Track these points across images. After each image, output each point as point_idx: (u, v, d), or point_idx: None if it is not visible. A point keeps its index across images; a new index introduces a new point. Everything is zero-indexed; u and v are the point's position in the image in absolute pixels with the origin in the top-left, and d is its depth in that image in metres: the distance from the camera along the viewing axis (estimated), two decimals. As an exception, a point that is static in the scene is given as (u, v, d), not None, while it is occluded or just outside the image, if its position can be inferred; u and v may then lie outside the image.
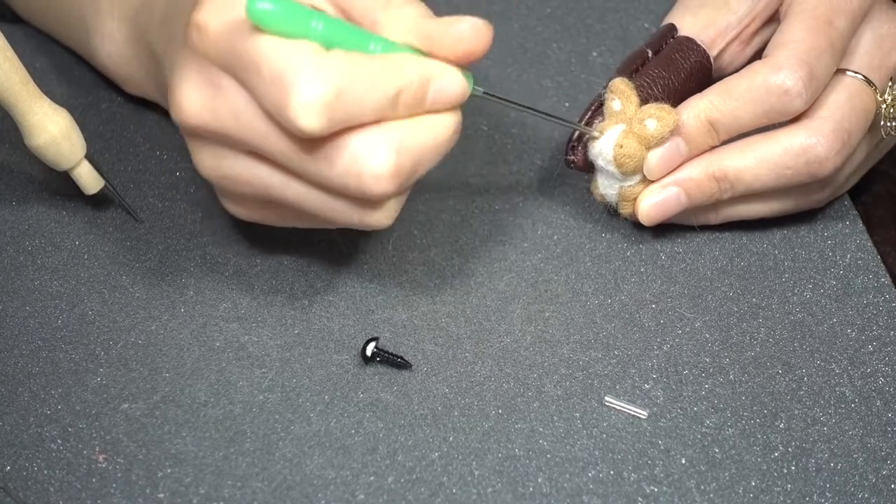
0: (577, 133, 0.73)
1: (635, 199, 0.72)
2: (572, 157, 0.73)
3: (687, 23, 0.76)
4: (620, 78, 0.72)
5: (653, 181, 0.72)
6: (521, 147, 0.80)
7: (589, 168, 0.73)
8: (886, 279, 0.73)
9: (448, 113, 0.64)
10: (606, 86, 0.72)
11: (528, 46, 0.86)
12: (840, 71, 0.72)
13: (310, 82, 0.59)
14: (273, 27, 0.60)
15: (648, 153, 0.71)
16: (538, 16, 0.88)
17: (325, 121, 0.59)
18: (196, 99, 0.63)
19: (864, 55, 0.73)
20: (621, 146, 0.71)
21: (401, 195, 0.64)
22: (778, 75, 0.69)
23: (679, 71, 0.73)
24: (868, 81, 0.72)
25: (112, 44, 0.76)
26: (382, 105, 0.61)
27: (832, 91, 0.71)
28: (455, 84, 0.63)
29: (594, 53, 0.86)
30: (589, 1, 0.89)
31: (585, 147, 0.72)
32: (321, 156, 0.61)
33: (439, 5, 0.88)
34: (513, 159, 0.79)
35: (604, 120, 0.72)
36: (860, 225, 0.76)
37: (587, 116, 0.73)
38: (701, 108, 0.71)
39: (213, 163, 0.65)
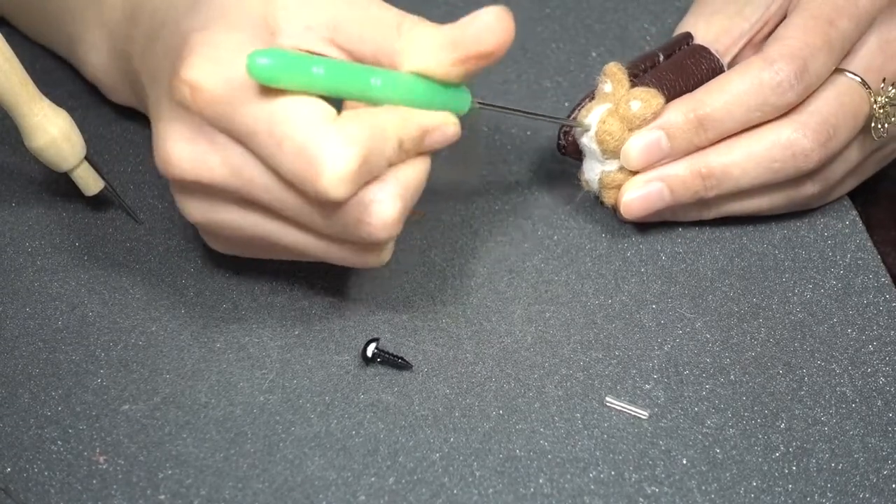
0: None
1: (616, 187, 0.73)
2: (563, 142, 0.74)
3: (700, 30, 0.75)
4: (615, 62, 0.73)
5: (633, 171, 0.72)
6: (521, 147, 0.80)
7: (578, 153, 0.74)
8: (886, 279, 0.73)
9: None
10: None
11: (527, 47, 0.86)
12: (837, 70, 0.72)
13: (338, 155, 0.59)
14: (275, 80, 0.59)
15: (626, 143, 0.71)
16: (537, 16, 0.88)
17: (353, 188, 0.60)
18: (188, 153, 0.62)
19: (865, 57, 0.73)
20: (604, 122, 0.71)
21: None
22: (772, 67, 0.70)
23: (689, 76, 0.73)
24: (864, 83, 0.72)
25: (97, 55, 0.76)
26: (392, 157, 0.62)
27: (823, 88, 0.72)
28: (452, 127, 0.64)
29: (593, 54, 0.86)
30: (588, 1, 0.89)
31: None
32: (332, 209, 0.62)
33: (438, 5, 0.88)
34: (513, 159, 0.79)
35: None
36: (860, 225, 0.76)
37: (583, 101, 0.74)
38: (690, 106, 0.71)
39: (202, 211, 0.64)
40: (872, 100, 0.72)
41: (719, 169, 0.71)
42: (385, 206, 0.62)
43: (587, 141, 0.72)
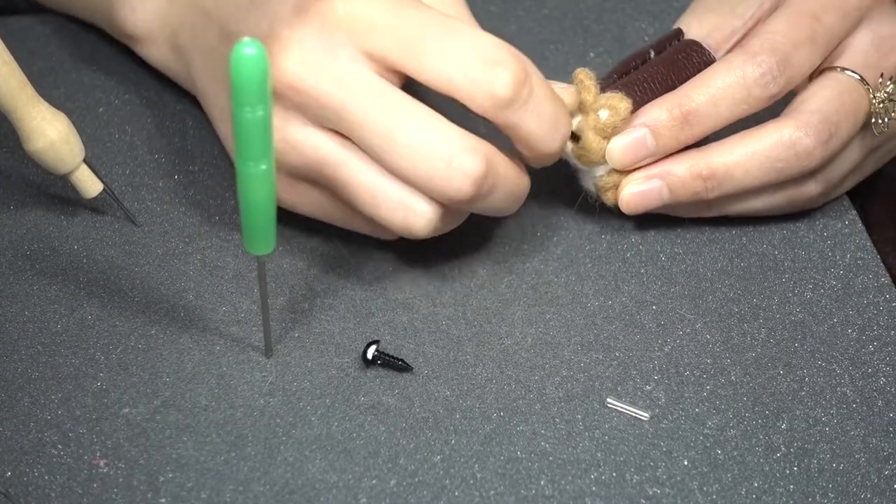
0: None
1: (613, 187, 0.73)
2: None
3: (693, 28, 0.76)
4: (581, 68, 0.73)
5: (625, 171, 0.72)
6: (520, 148, 0.80)
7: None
8: (886, 279, 0.73)
9: None
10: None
11: (525, 48, 0.85)
12: (832, 68, 0.73)
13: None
14: None
15: (610, 143, 0.71)
16: (535, 17, 0.88)
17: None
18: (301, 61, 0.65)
19: (860, 54, 0.73)
20: (577, 140, 0.71)
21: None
22: (754, 60, 0.71)
23: (681, 70, 0.73)
24: (862, 80, 0.72)
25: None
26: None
27: (821, 87, 0.72)
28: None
29: (591, 54, 0.86)
30: (586, 2, 0.89)
31: None
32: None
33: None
34: (511, 161, 0.79)
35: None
36: (860, 225, 0.76)
37: None
38: (675, 101, 0.71)
39: (279, 123, 0.66)
40: (871, 96, 0.72)
41: (721, 170, 0.71)
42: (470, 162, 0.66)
43: (568, 158, 0.72)
